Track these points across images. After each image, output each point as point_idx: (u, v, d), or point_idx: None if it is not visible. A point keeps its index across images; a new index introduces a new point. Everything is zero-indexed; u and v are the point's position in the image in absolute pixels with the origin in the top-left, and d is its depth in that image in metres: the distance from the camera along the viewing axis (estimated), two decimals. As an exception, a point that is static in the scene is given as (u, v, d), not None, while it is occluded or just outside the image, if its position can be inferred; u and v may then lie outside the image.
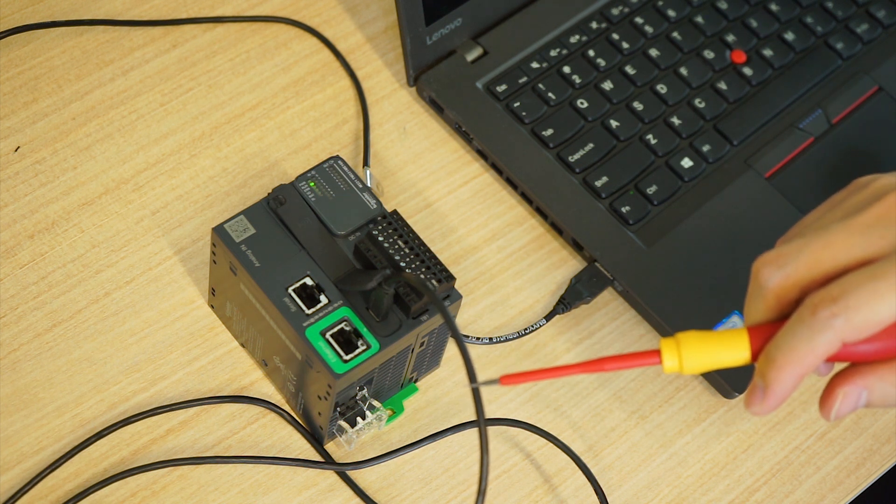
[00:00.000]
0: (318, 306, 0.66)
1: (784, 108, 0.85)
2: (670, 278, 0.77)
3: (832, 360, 0.56)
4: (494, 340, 0.75)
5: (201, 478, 0.70)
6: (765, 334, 0.56)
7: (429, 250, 0.67)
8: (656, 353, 0.56)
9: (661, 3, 0.88)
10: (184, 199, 0.78)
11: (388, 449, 0.71)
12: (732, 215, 0.80)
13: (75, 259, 0.75)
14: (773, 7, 0.89)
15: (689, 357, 0.56)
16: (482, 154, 0.82)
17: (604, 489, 0.72)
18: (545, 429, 0.73)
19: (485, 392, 0.74)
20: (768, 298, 0.56)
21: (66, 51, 0.82)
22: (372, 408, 0.69)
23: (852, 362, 0.56)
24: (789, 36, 0.88)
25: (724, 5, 0.88)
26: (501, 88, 0.83)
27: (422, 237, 0.71)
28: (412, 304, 0.65)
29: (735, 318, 0.76)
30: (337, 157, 0.71)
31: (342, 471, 0.71)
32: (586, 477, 0.72)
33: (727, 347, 0.56)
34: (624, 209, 0.79)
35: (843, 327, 0.53)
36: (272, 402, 0.72)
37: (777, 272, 0.56)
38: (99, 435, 0.69)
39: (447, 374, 0.74)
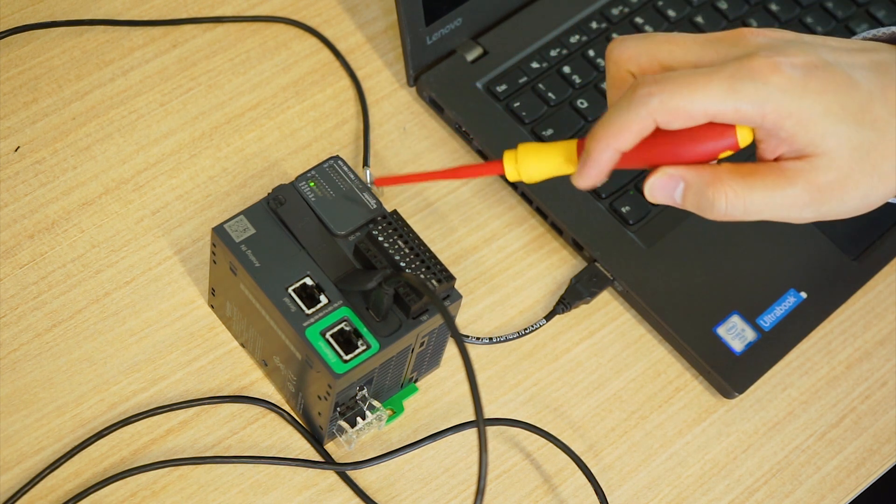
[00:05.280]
0: (318, 306, 0.66)
1: (784, 108, 0.85)
2: (670, 278, 0.77)
3: (642, 160, 0.60)
4: (494, 340, 0.75)
5: (201, 478, 0.70)
6: None
7: (429, 250, 0.67)
8: (500, 162, 0.62)
9: (661, 3, 0.88)
10: (184, 199, 0.78)
11: (388, 449, 0.71)
12: (732, 215, 0.80)
13: (75, 259, 0.75)
14: (773, 7, 0.89)
15: (525, 165, 0.62)
16: (482, 154, 0.82)
17: (604, 489, 0.72)
18: (545, 429, 0.73)
19: (485, 392, 0.74)
20: (609, 70, 0.62)
21: (66, 51, 0.82)
22: (372, 408, 0.69)
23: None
24: (789, 36, 0.88)
25: (723, 5, 0.88)
26: (501, 88, 0.83)
27: (422, 237, 0.71)
28: (412, 304, 0.65)
29: (735, 318, 0.76)
30: (337, 157, 0.71)
31: (342, 471, 0.71)
32: (586, 477, 0.72)
33: (558, 156, 0.62)
34: (624, 209, 0.79)
35: (657, 107, 0.57)
36: (272, 402, 0.72)
37: (618, 46, 0.61)
38: (99, 435, 0.69)
39: (447, 374, 0.74)
